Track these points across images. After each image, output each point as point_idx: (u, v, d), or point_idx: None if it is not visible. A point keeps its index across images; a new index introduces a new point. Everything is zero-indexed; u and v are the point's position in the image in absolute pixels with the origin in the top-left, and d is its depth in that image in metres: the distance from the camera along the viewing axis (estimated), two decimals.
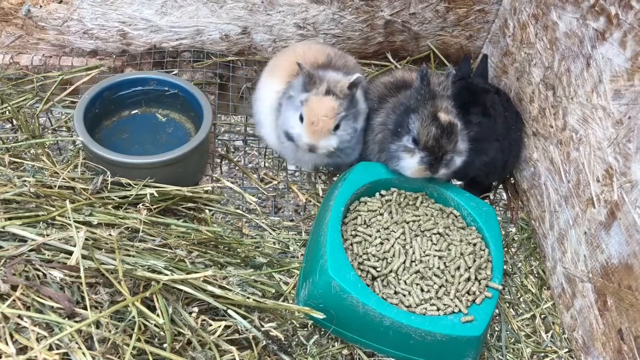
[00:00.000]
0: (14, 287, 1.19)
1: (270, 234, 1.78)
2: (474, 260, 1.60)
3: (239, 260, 1.58)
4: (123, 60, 2.23)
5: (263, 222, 1.80)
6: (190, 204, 1.74)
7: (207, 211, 1.71)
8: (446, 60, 2.38)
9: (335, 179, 1.97)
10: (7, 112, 1.96)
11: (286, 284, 1.66)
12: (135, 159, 1.65)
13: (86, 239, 1.32)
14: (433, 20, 2.28)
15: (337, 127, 1.69)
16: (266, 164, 2.02)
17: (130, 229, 1.49)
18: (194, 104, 1.85)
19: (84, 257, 1.28)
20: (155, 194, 1.58)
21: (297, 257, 1.74)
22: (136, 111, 1.93)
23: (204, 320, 1.37)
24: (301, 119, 1.68)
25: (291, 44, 2.16)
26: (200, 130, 1.75)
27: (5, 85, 2.09)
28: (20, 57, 2.21)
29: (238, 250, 1.61)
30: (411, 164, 1.66)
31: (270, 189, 1.94)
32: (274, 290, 1.54)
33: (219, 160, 1.99)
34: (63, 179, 1.56)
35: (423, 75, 1.68)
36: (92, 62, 2.23)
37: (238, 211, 1.80)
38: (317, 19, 2.21)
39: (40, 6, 2.09)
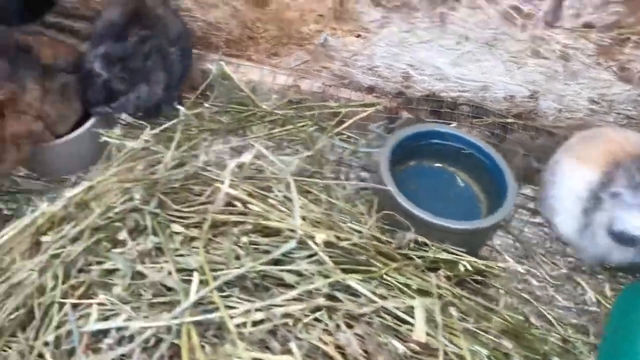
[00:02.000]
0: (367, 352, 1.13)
1: (556, 328, 1.63)
2: None
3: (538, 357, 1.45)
4: (399, 103, 2.19)
5: (549, 313, 1.65)
6: (478, 277, 1.64)
7: (501, 291, 1.59)
8: None
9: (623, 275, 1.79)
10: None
11: None
12: (453, 224, 1.57)
13: None
14: None
15: None
16: (547, 245, 1.88)
17: (441, 299, 1.40)
18: (493, 169, 1.75)
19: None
20: (469, 266, 1.48)
21: None
22: (426, 163, 1.86)
23: None
24: None
25: (596, 128, 1.98)
26: (506, 202, 1.65)
27: (286, 108, 2.11)
28: (302, 81, 2.23)
29: (537, 346, 1.47)
30: None
31: (552, 275, 1.78)
32: None
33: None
34: (369, 228, 1.52)
35: None
36: (369, 98, 2.21)
37: (525, 295, 1.67)
38: (617, 97, 2.04)
39: (338, 37, 2.10)
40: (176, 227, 1.35)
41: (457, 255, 1.55)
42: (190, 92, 2.19)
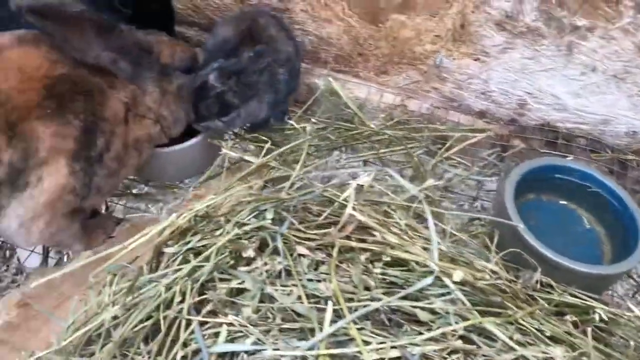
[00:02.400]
0: None
1: None
2: None
3: None
4: (510, 130, 2.11)
5: None
6: (601, 324, 1.53)
7: (631, 342, 1.48)
8: None
9: None
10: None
11: None
12: (584, 268, 1.48)
13: None
14: None
15: None
16: None
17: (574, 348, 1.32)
18: (621, 211, 1.65)
19: None
20: (604, 315, 1.39)
21: None
22: (545, 197, 1.77)
23: None
24: None
25: None
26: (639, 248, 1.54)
27: (393, 128, 2.06)
28: (409, 101, 2.18)
29: None
30: None
31: None
32: None
33: None
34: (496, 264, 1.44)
35: None
36: (479, 123, 2.13)
37: None
38: None
39: (454, 59, 2.03)
40: (302, 250, 1.31)
41: (586, 300, 1.45)
42: (294, 106, 2.17)
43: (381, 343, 1.11)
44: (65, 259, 1.94)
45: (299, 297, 1.20)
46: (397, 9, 1.98)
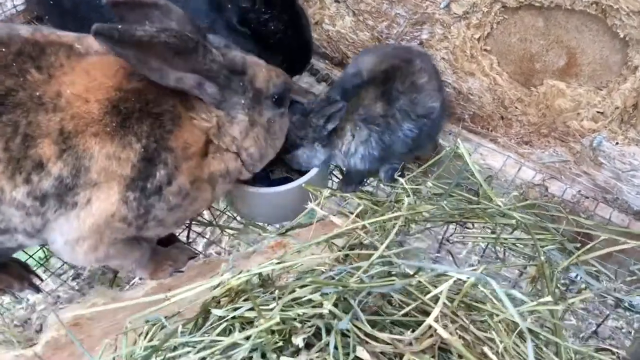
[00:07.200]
0: None
1: None
2: None
3: None
4: None
5: None
6: None
7: None
8: None
9: None
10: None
11: None
12: None
13: None
14: None
15: None
16: None
17: None
18: None
19: None
20: None
21: None
22: None
23: None
24: None
25: None
26: None
27: (524, 211, 1.71)
28: (551, 182, 1.82)
29: None
30: None
31: None
32: None
33: None
34: None
35: None
36: (635, 226, 1.73)
37: None
38: None
39: (617, 143, 1.66)
40: (363, 353, 1.05)
41: None
42: (411, 162, 1.90)
43: None
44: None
45: None
46: (556, 74, 1.66)
